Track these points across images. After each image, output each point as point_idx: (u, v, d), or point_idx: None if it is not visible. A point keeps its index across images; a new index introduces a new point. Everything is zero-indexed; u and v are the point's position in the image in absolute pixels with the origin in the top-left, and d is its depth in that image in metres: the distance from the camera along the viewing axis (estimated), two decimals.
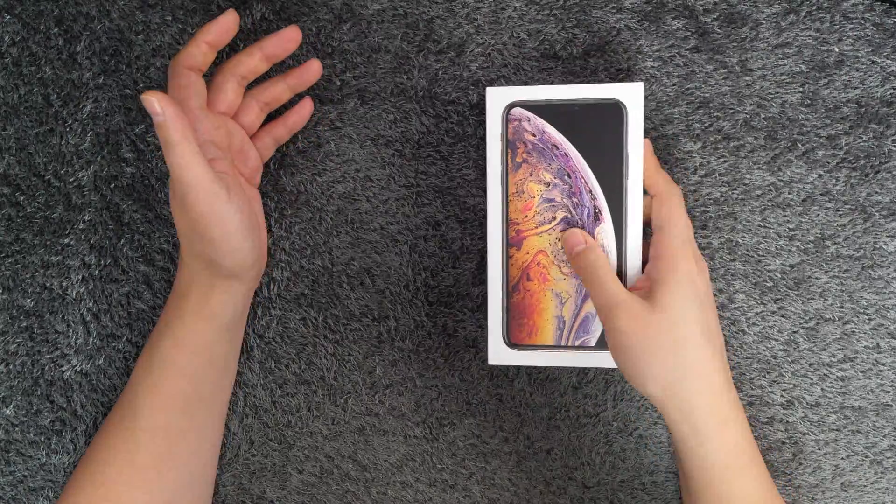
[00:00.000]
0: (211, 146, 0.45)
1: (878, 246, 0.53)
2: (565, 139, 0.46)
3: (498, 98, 0.46)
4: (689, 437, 0.42)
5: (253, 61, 0.47)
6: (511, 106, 0.46)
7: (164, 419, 0.46)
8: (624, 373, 0.43)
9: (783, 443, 0.53)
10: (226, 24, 0.45)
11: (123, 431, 0.46)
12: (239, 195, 0.45)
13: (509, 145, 0.46)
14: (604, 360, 0.48)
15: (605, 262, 0.45)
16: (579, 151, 0.47)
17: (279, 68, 0.51)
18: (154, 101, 0.39)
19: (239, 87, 0.47)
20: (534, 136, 0.46)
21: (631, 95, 0.46)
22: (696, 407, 0.42)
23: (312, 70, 0.49)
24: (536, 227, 0.47)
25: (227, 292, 0.47)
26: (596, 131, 0.46)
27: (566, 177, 0.47)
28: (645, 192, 0.48)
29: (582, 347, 0.48)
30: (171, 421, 0.47)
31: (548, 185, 0.47)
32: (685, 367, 0.42)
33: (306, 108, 0.50)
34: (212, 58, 0.45)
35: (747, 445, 0.44)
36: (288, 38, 0.47)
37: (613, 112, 0.46)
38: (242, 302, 0.48)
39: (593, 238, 0.47)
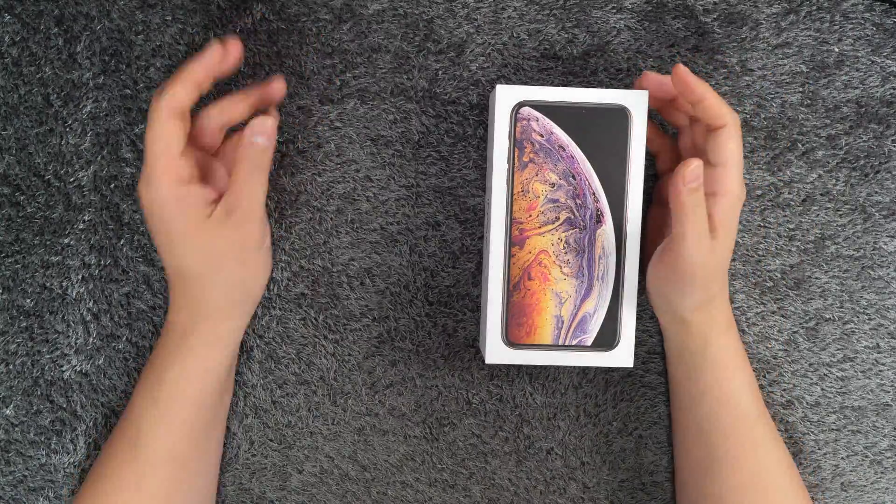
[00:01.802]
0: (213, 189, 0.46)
1: (878, 246, 0.53)
2: (571, 141, 0.47)
3: (507, 96, 0.46)
4: (698, 343, 0.47)
5: (238, 110, 0.47)
6: (520, 105, 0.46)
7: (171, 448, 0.46)
8: (663, 298, 0.47)
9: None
10: (214, 61, 0.44)
11: (130, 461, 0.46)
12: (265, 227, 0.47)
13: (516, 144, 0.47)
14: (600, 359, 0.48)
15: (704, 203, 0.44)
16: (584, 154, 0.47)
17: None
18: (268, 125, 0.42)
19: (221, 133, 0.47)
20: (541, 136, 0.47)
21: (636, 102, 0.46)
22: (715, 321, 0.47)
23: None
24: (540, 227, 0.47)
25: (241, 317, 0.47)
26: (601, 135, 0.46)
27: (571, 178, 0.47)
28: (664, 129, 0.48)
29: (579, 347, 0.48)
30: (178, 449, 0.46)
31: (553, 185, 0.47)
32: (715, 290, 0.46)
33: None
34: (197, 97, 0.44)
35: (741, 350, 0.49)
36: (275, 90, 0.47)
37: (619, 117, 0.46)
38: (243, 329, 0.49)
39: (594, 240, 0.47)
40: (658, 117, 0.52)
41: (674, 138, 0.51)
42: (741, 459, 0.46)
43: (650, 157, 0.52)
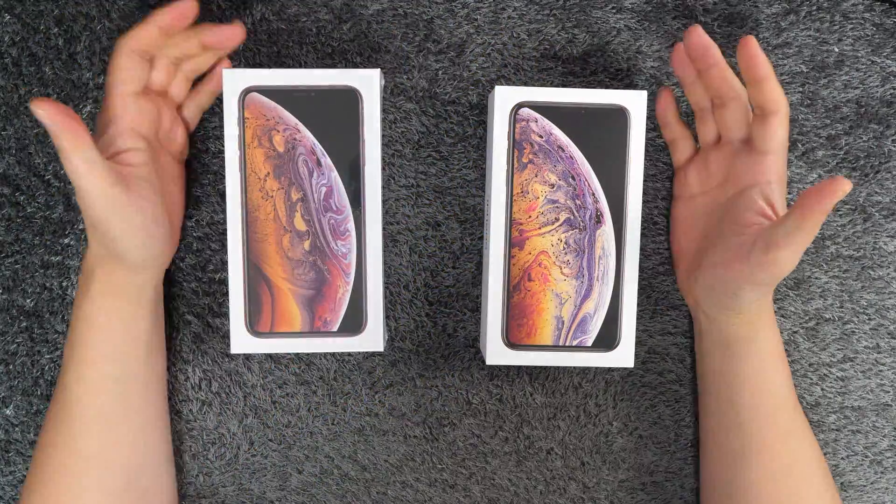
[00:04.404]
0: (131, 135, 0.45)
1: (878, 246, 0.53)
2: (571, 141, 0.47)
3: (506, 97, 0.46)
4: (747, 332, 0.47)
5: (189, 45, 0.46)
6: (519, 106, 0.46)
7: (97, 405, 0.45)
8: (720, 293, 0.46)
9: None
10: (183, 10, 0.44)
11: (61, 424, 0.46)
12: (145, 191, 0.44)
13: (516, 145, 0.47)
14: (600, 359, 0.48)
15: None
16: (584, 154, 0.47)
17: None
18: (42, 112, 0.38)
19: (171, 67, 0.47)
20: (541, 137, 0.47)
21: (635, 103, 0.46)
22: (765, 312, 0.47)
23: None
24: (539, 228, 0.47)
25: (134, 274, 0.46)
26: (601, 135, 0.46)
27: (570, 179, 0.47)
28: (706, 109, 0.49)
29: (579, 347, 0.48)
30: (105, 405, 0.46)
31: (552, 186, 0.47)
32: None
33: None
34: (162, 43, 0.45)
35: (782, 345, 0.49)
36: (229, 35, 0.46)
37: (618, 118, 0.46)
38: (152, 281, 0.47)
39: (593, 241, 0.47)
40: (654, 110, 0.52)
41: (688, 126, 0.50)
42: (777, 448, 0.47)
43: (655, 154, 0.52)
